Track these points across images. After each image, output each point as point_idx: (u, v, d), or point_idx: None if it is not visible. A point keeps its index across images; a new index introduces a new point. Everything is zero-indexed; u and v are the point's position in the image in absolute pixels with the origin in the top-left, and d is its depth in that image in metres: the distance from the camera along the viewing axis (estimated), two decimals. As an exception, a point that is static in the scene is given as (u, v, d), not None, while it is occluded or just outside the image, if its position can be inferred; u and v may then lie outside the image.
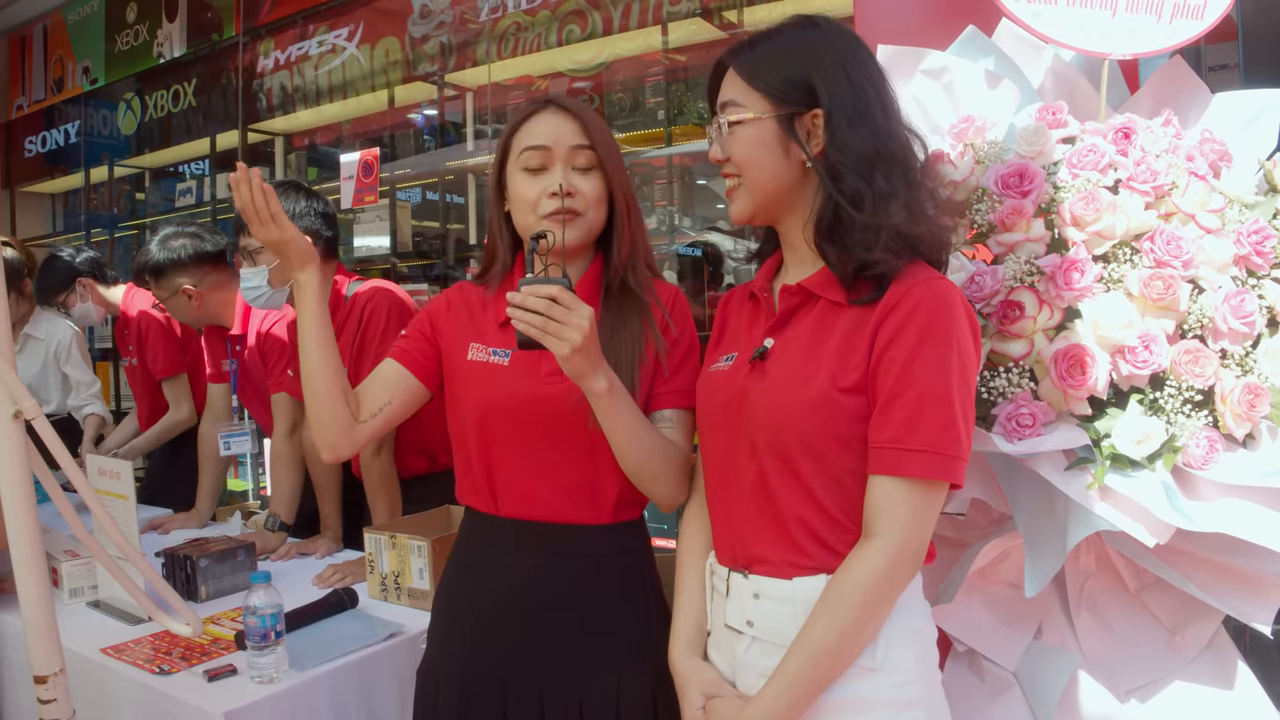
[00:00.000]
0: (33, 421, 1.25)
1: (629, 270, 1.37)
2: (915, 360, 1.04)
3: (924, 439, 1.03)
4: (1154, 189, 1.32)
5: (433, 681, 1.40)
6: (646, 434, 1.28)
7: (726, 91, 1.18)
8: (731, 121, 1.16)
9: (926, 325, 1.05)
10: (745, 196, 1.18)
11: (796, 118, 1.13)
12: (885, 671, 1.08)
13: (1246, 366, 1.28)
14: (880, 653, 1.08)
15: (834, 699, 1.08)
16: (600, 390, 1.21)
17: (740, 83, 1.16)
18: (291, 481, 2.48)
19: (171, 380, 3.08)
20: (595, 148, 1.33)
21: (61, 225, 6.63)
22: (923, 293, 1.07)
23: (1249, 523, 1.22)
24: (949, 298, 1.07)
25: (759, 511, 1.14)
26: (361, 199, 3.64)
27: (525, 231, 1.35)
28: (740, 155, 1.16)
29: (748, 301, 1.27)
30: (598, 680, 1.33)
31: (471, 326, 1.40)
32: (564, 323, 1.13)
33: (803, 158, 1.13)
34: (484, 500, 1.37)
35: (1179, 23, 1.46)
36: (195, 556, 1.99)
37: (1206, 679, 1.38)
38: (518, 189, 1.34)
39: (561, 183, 1.30)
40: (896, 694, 1.09)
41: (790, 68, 1.13)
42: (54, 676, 1.27)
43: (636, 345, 1.33)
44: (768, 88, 1.14)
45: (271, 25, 4.82)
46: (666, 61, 3.63)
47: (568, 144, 1.33)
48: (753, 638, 1.14)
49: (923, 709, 1.12)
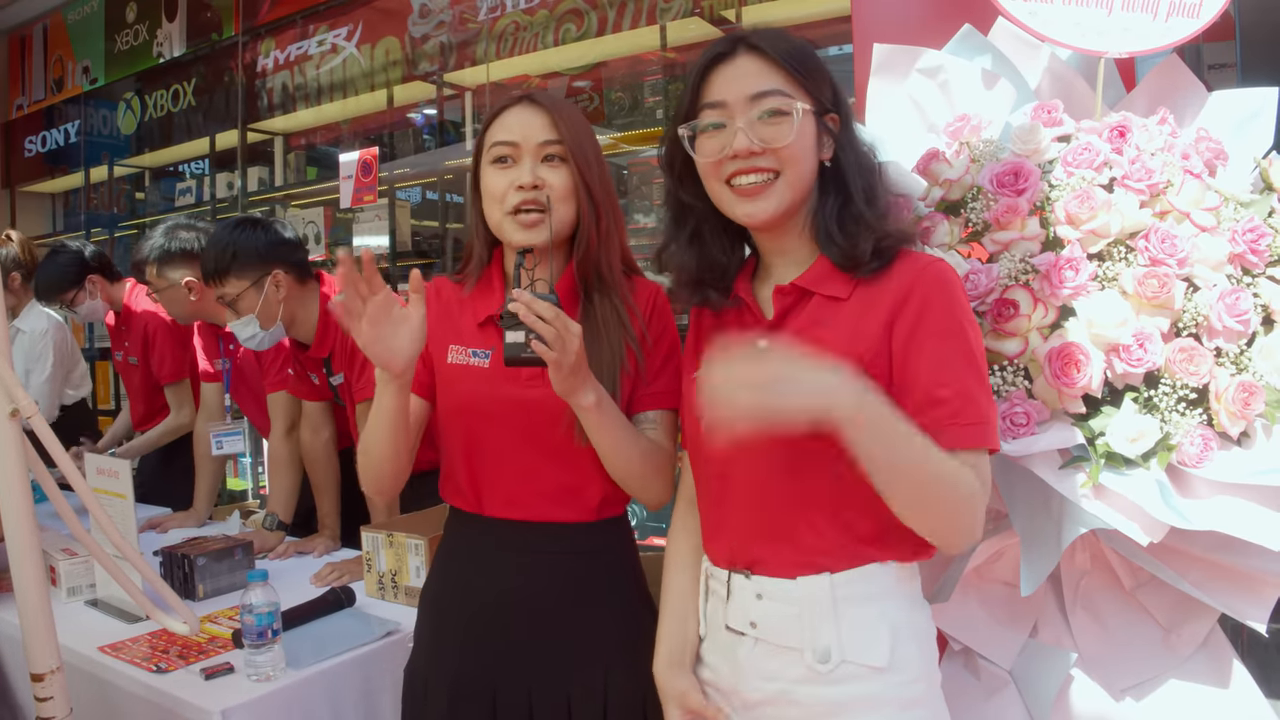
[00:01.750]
0: (29, 420, 1.25)
1: (602, 268, 1.34)
2: (943, 357, 1.06)
3: (971, 415, 1.05)
4: (1149, 187, 1.32)
5: (421, 681, 1.39)
6: (633, 441, 1.29)
7: (763, 80, 1.11)
8: (803, 109, 1.11)
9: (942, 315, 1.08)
10: (785, 191, 1.12)
11: (823, 117, 1.15)
12: (892, 671, 1.09)
13: (1241, 365, 1.28)
14: (888, 651, 1.08)
15: (841, 698, 1.09)
16: (589, 405, 1.21)
17: (784, 75, 1.12)
18: (289, 481, 2.49)
19: (175, 385, 3.07)
20: (565, 141, 1.31)
21: (62, 225, 6.64)
22: (928, 279, 1.10)
23: (1244, 521, 1.22)
24: (949, 277, 1.11)
25: (761, 513, 1.14)
26: (360, 198, 3.65)
27: (495, 227, 1.34)
28: (798, 145, 1.11)
29: (727, 311, 1.24)
30: (586, 677, 1.33)
31: (450, 327, 1.39)
32: (568, 330, 1.13)
33: (824, 157, 1.15)
34: (467, 500, 1.37)
35: (1175, 21, 1.46)
36: (193, 555, 2.00)
37: (1202, 677, 1.38)
38: (487, 184, 1.33)
39: (529, 177, 1.29)
40: (901, 693, 1.10)
41: (818, 66, 1.15)
42: (51, 674, 1.28)
43: (616, 353, 1.32)
44: (809, 84, 1.13)
45: (271, 25, 4.83)
46: (665, 60, 3.63)
47: (536, 139, 1.31)
48: (756, 639, 1.14)
49: (926, 708, 1.12)
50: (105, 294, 3.17)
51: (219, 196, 5.04)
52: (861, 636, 1.09)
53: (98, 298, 3.15)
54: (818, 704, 1.10)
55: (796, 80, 1.12)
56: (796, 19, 3.36)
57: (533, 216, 1.29)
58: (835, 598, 1.10)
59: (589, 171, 1.33)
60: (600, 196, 1.34)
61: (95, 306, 3.17)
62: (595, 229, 1.33)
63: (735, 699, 1.17)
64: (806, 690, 1.10)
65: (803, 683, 1.10)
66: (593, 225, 1.33)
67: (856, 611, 1.10)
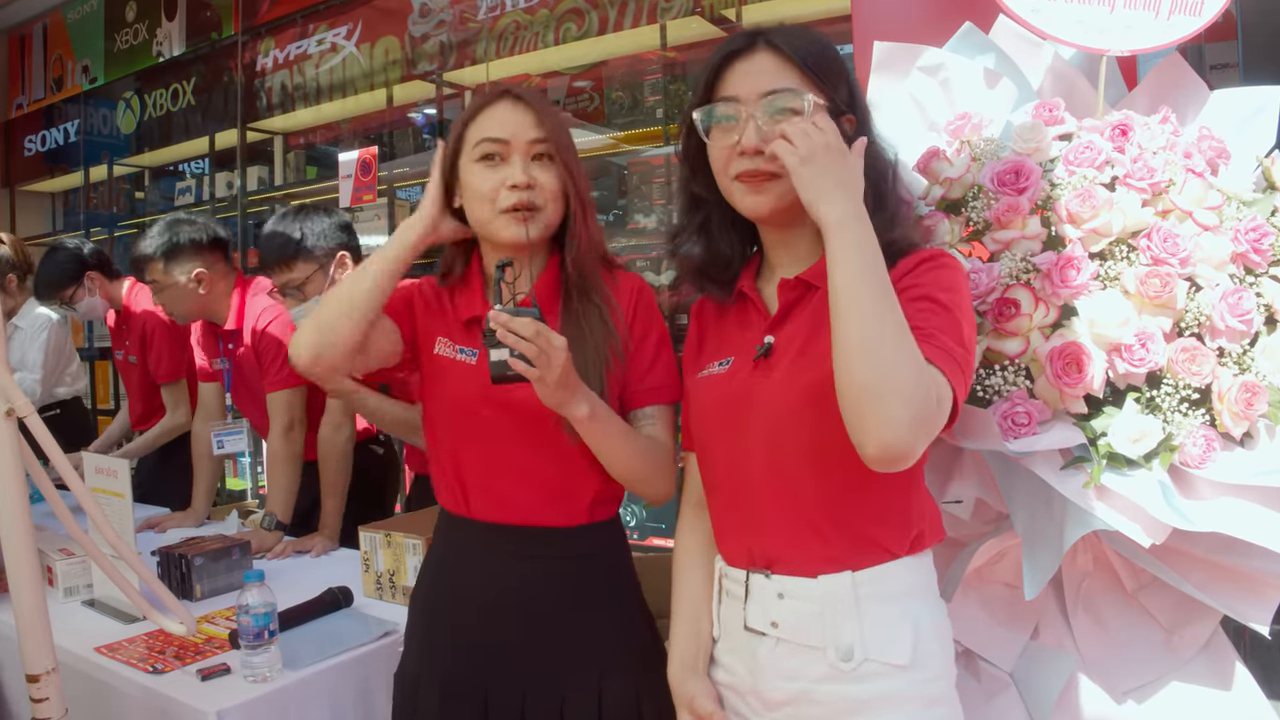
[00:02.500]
0: (25, 419, 1.24)
1: (585, 265, 1.33)
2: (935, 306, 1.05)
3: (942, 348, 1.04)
4: (1151, 186, 1.32)
5: (411, 681, 1.38)
6: (631, 441, 1.28)
7: (777, 78, 1.11)
8: (816, 104, 1.09)
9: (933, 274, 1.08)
10: (790, 187, 1.08)
11: (839, 117, 1.13)
12: (915, 668, 1.09)
13: (1244, 364, 1.28)
14: (911, 649, 1.08)
15: (864, 695, 1.08)
16: (582, 417, 1.20)
17: (797, 72, 1.11)
18: (288, 480, 2.48)
19: (172, 385, 3.07)
20: (551, 139, 1.30)
21: (61, 224, 6.63)
22: (923, 256, 1.11)
23: (1246, 522, 1.21)
24: (942, 259, 1.11)
25: (777, 510, 1.13)
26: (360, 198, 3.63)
27: (480, 225, 1.32)
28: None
29: (730, 305, 1.24)
30: (579, 680, 1.31)
31: (439, 319, 1.38)
32: (552, 344, 1.11)
33: None
34: (456, 502, 1.36)
35: (1177, 19, 1.46)
36: (190, 555, 1.99)
37: (1204, 679, 1.38)
38: (472, 182, 1.30)
39: (522, 175, 1.27)
40: (924, 690, 1.09)
41: (836, 66, 1.14)
42: (46, 675, 1.27)
43: (601, 353, 1.30)
44: (823, 82, 1.12)
45: (270, 24, 4.82)
46: (665, 59, 3.63)
47: (526, 136, 1.29)
48: (777, 638, 1.13)
49: (946, 705, 1.12)
50: (104, 291, 3.16)
51: (218, 196, 5.04)
52: (885, 634, 1.09)
53: (96, 295, 3.14)
54: (840, 702, 1.09)
55: (810, 79, 1.12)
56: (797, 18, 3.35)
57: (524, 214, 1.28)
58: (858, 595, 1.09)
59: (575, 169, 1.32)
60: (585, 195, 1.33)
61: (94, 304, 3.16)
62: (585, 227, 1.32)
63: (754, 699, 1.16)
64: (828, 689, 1.09)
65: (825, 681, 1.09)
66: (582, 223, 1.32)
67: (879, 609, 1.09)
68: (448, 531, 1.40)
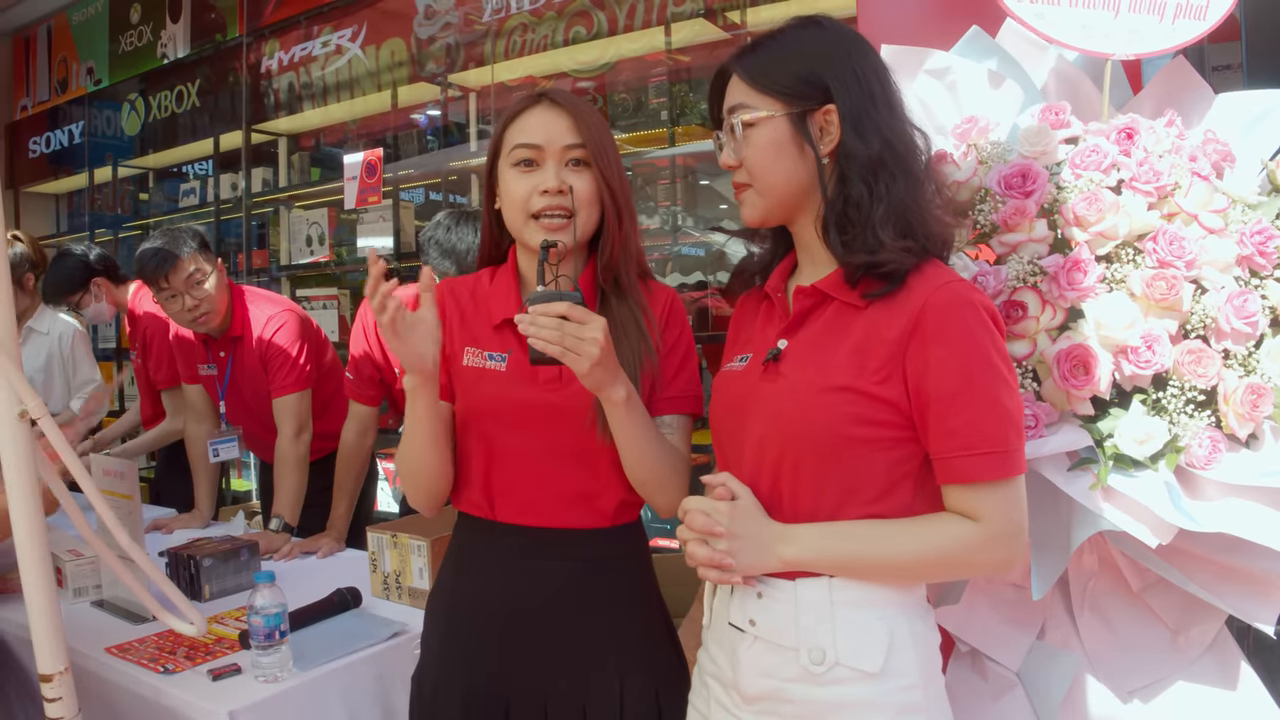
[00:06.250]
0: (38, 421, 1.25)
1: (621, 272, 1.34)
2: (959, 391, 1.05)
3: (987, 443, 1.05)
4: (1157, 189, 1.32)
5: (430, 687, 1.37)
6: (656, 441, 1.28)
7: (733, 97, 1.16)
8: (745, 122, 1.13)
9: (957, 343, 1.05)
10: (758, 200, 1.16)
11: (809, 115, 1.12)
12: (885, 677, 1.08)
13: (1249, 367, 1.28)
14: (883, 657, 1.08)
15: (834, 699, 1.08)
16: (619, 399, 1.20)
17: (745, 87, 1.14)
18: (297, 483, 2.49)
19: (171, 390, 3.08)
20: (588, 145, 1.30)
21: (65, 226, 6.65)
22: (941, 302, 1.06)
23: (1252, 523, 1.22)
24: (966, 300, 1.07)
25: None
26: (365, 199, 3.65)
27: (515, 230, 1.33)
28: (753, 158, 1.14)
29: (762, 302, 1.25)
30: (601, 684, 1.32)
31: (464, 329, 1.37)
32: (580, 338, 1.12)
33: (824, 153, 1.12)
34: (480, 506, 1.35)
35: (1181, 23, 1.46)
36: (199, 556, 2.00)
37: (1209, 679, 1.38)
38: (508, 187, 1.31)
39: (554, 181, 1.27)
40: (897, 698, 1.09)
41: (800, 65, 1.13)
42: (59, 675, 1.28)
43: (635, 354, 1.30)
44: (778, 88, 1.12)
45: (275, 26, 4.83)
46: (670, 62, 3.63)
47: (560, 142, 1.29)
48: (754, 637, 1.13)
49: (923, 714, 1.11)
50: (110, 296, 3.19)
51: (223, 197, 5.04)
52: (858, 641, 1.09)
53: (103, 300, 3.17)
54: (811, 703, 1.09)
55: (756, 87, 1.13)
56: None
57: (557, 221, 1.28)
58: (833, 601, 1.09)
59: (611, 174, 1.31)
60: (622, 200, 1.32)
61: (100, 309, 3.19)
62: (619, 233, 1.32)
63: (735, 693, 1.17)
64: (800, 689, 1.10)
65: (797, 682, 1.10)
66: (616, 229, 1.32)
67: (855, 615, 1.09)
68: (469, 535, 1.39)
